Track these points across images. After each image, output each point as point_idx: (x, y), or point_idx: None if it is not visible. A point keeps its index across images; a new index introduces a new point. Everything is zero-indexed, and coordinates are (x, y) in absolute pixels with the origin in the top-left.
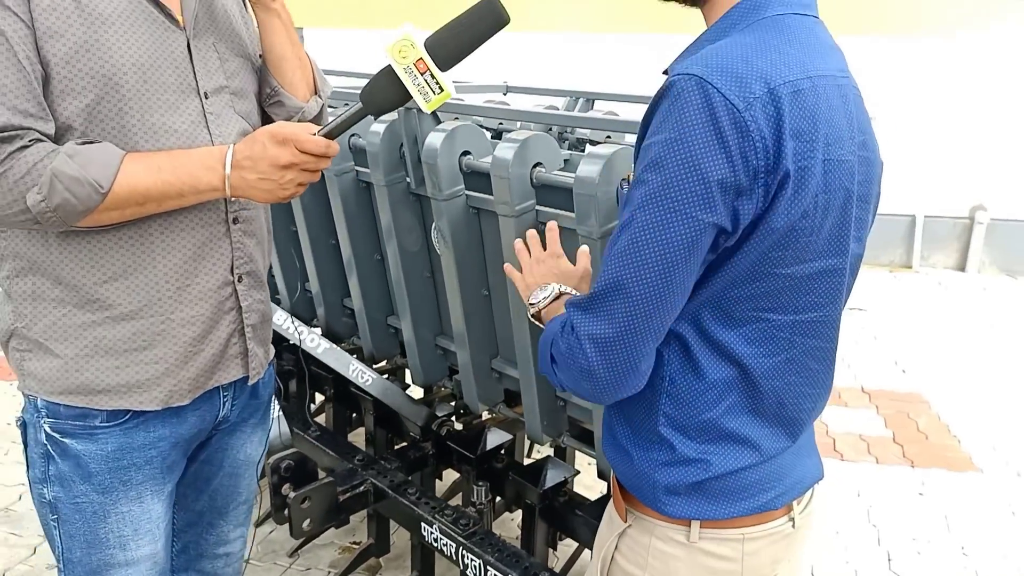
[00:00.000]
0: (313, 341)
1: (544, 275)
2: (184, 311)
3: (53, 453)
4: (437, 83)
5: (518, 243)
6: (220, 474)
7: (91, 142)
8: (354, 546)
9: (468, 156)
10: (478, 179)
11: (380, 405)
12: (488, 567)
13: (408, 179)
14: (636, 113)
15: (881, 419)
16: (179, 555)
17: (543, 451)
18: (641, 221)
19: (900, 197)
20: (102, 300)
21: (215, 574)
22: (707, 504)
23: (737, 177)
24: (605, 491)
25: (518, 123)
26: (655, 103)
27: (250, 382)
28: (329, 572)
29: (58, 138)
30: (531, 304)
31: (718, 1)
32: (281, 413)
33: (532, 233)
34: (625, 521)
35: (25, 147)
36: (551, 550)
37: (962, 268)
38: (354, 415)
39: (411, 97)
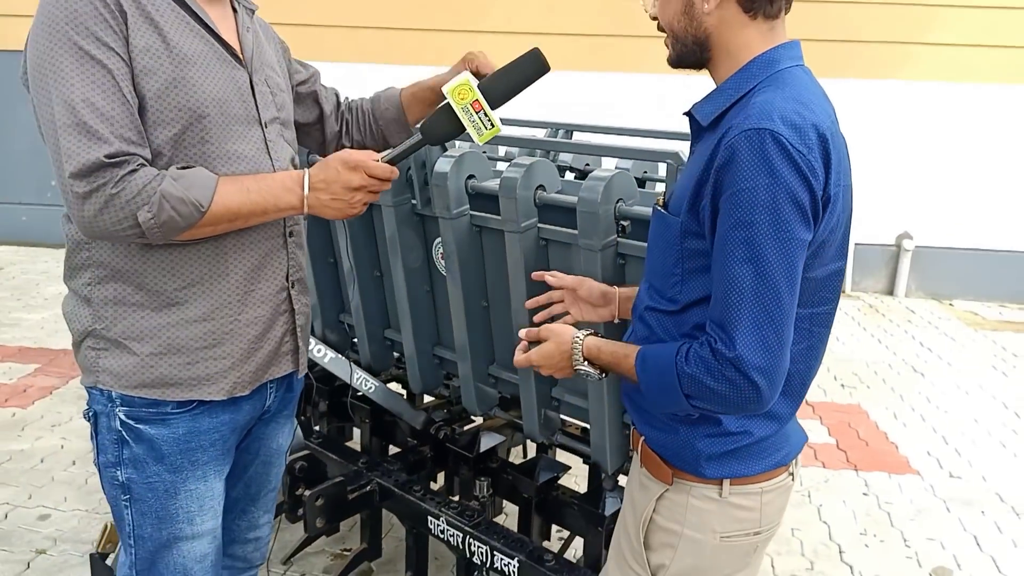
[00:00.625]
0: (320, 351)
1: (556, 348)
2: (248, 313)
3: (127, 438)
4: (489, 120)
5: (518, 359)
6: (256, 462)
7: (187, 167)
8: (345, 553)
9: (473, 179)
10: (481, 200)
11: (375, 414)
12: (495, 552)
13: (414, 200)
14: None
15: (825, 429)
16: None
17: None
18: (766, 257)
19: None
20: (179, 304)
21: (245, 557)
22: (738, 465)
23: (815, 203)
24: (587, 486)
25: (502, 150)
26: (727, 158)
27: (299, 375)
28: (323, 574)
29: (151, 163)
30: (585, 374)
31: (727, 57)
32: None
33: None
34: (670, 483)
35: (134, 171)
36: (545, 540)
37: (891, 292)
38: (344, 428)
39: (465, 130)
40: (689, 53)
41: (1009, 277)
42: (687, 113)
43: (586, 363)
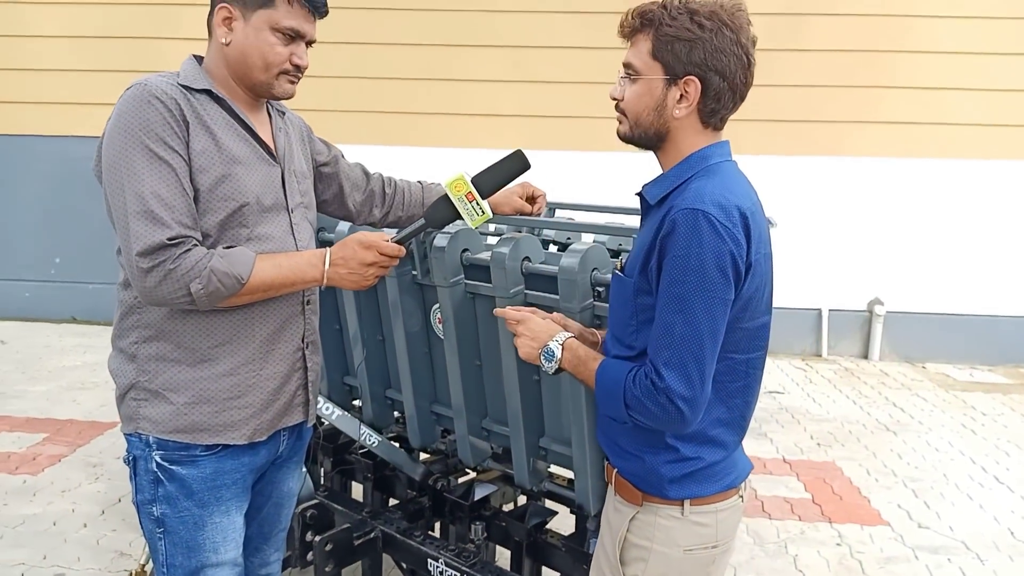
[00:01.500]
0: (328, 409)
1: (540, 328)
2: (269, 369)
3: (162, 478)
4: (480, 208)
5: (503, 310)
6: (268, 504)
7: (231, 246)
8: None
9: (467, 252)
10: (475, 271)
11: (376, 469)
12: None
13: (414, 271)
14: (589, 218)
15: (801, 484)
16: None
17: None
18: (694, 310)
19: (808, 293)
20: (211, 360)
21: None
22: (696, 487)
23: (739, 269)
24: (574, 528)
25: (492, 226)
26: (669, 230)
27: (308, 424)
28: None
29: (201, 242)
30: (549, 367)
31: (674, 150)
32: (305, 470)
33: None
34: (638, 506)
35: (188, 250)
36: None
37: (866, 356)
38: (347, 483)
39: (461, 217)
40: (646, 139)
41: (979, 340)
42: (638, 193)
43: (558, 350)
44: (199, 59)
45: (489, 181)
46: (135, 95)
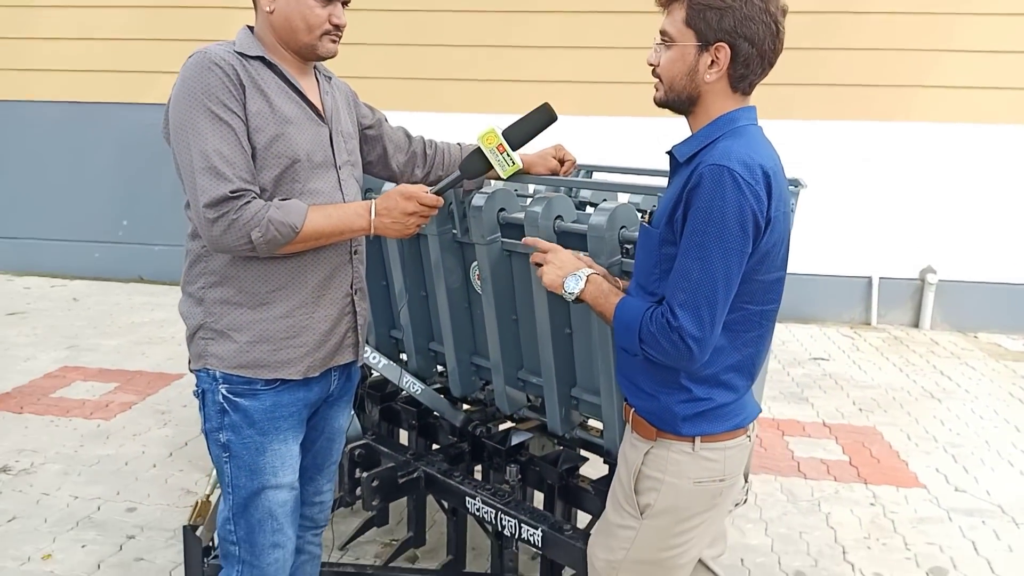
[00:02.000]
0: (375, 358)
1: (567, 259)
2: (320, 312)
3: (228, 408)
4: (511, 158)
5: (531, 239)
6: (321, 438)
7: (285, 199)
8: (393, 542)
9: (504, 211)
10: (511, 229)
11: (420, 416)
12: (523, 524)
13: (454, 230)
14: (624, 179)
15: (840, 447)
16: None
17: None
18: (711, 258)
19: (858, 260)
20: (269, 303)
21: (312, 518)
22: (706, 425)
23: (758, 223)
24: (607, 472)
25: (531, 188)
26: (695, 183)
27: (358, 364)
28: (375, 560)
29: (259, 196)
30: (569, 293)
31: (704, 113)
32: (353, 412)
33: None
34: (652, 440)
35: (248, 202)
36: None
37: (916, 325)
38: (393, 430)
39: (493, 167)
40: (679, 103)
41: None
42: (668, 152)
43: (583, 281)
44: (251, 28)
45: (518, 133)
46: (197, 62)
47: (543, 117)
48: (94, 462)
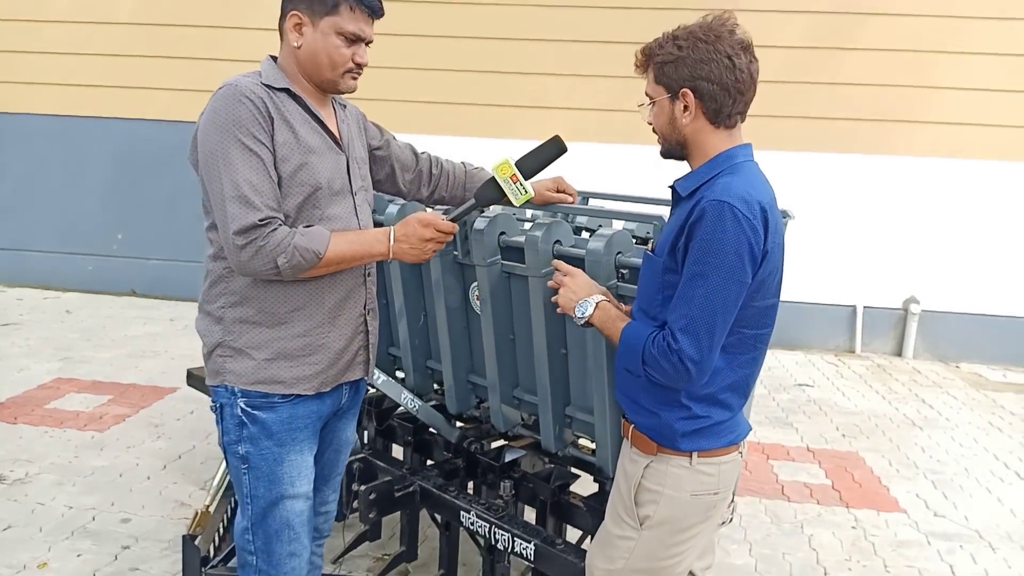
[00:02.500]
0: (376, 375)
1: (583, 286)
2: (336, 331)
3: (246, 421)
4: (524, 188)
5: (556, 262)
6: (329, 449)
7: (309, 226)
8: (385, 556)
9: (504, 235)
10: (511, 252)
11: (416, 433)
12: (516, 538)
13: (455, 251)
14: (618, 206)
15: (823, 471)
16: None
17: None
18: (712, 286)
19: (843, 289)
20: (288, 322)
21: (317, 528)
22: (703, 441)
23: (755, 255)
24: (597, 490)
25: (528, 212)
26: (698, 217)
27: (367, 380)
28: (367, 574)
29: (283, 222)
30: (579, 317)
31: (699, 152)
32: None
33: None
34: (653, 455)
35: (275, 229)
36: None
37: (899, 354)
38: (388, 445)
39: (506, 196)
40: (673, 149)
41: (1015, 342)
42: (671, 186)
43: (592, 308)
44: (274, 58)
45: (531, 164)
46: (228, 95)
47: (554, 149)
48: (89, 473)
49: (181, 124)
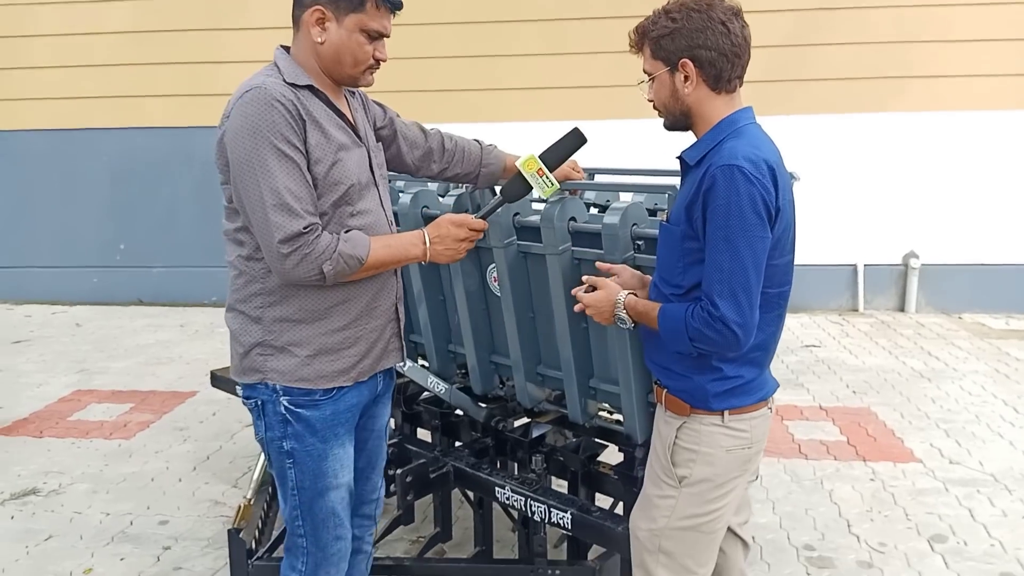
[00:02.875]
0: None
1: (602, 299)
2: (372, 323)
3: (290, 419)
4: (550, 180)
5: (578, 293)
6: (372, 437)
7: (349, 230)
8: (420, 539)
9: (518, 216)
10: (526, 232)
11: (443, 416)
12: (552, 509)
13: None
14: (623, 180)
15: (837, 428)
16: None
17: None
18: (738, 248)
19: (843, 249)
20: (327, 318)
21: (371, 515)
22: (734, 400)
23: (770, 211)
24: (622, 459)
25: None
26: (710, 184)
27: (399, 366)
28: (405, 555)
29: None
30: (624, 327)
31: (703, 120)
32: None
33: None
34: (686, 416)
35: (319, 236)
36: None
37: (902, 309)
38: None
39: (533, 189)
40: (678, 121)
41: (1015, 289)
42: (679, 157)
43: (624, 312)
44: (286, 48)
45: (554, 156)
46: (258, 98)
47: (574, 140)
48: (120, 480)
49: (175, 130)
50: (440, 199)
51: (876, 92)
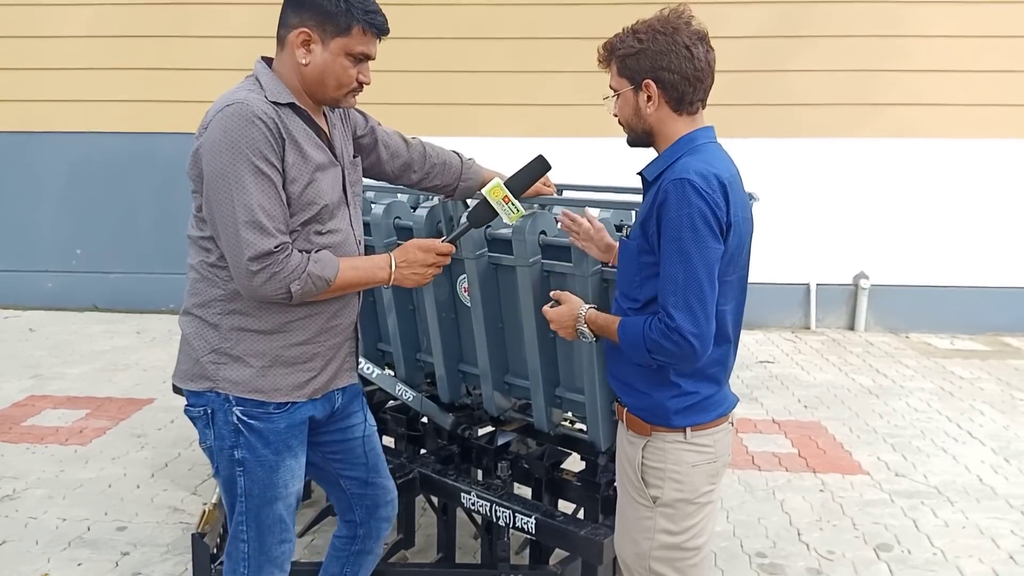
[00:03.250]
0: (369, 369)
1: (564, 314)
2: (331, 340)
3: (242, 429)
4: (515, 207)
5: (544, 308)
6: (356, 443)
7: (319, 249)
8: (384, 546)
9: (489, 228)
10: (497, 244)
11: (409, 423)
12: (516, 514)
13: None
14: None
15: (789, 441)
16: (362, 511)
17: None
18: (691, 259)
19: (796, 269)
20: (286, 332)
21: (388, 516)
22: (695, 416)
23: (721, 225)
24: (585, 467)
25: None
26: (663, 199)
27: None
28: None
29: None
30: (587, 340)
31: (664, 139)
32: None
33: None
34: (648, 436)
35: (289, 255)
36: None
37: (852, 327)
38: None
39: (498, 215)
40: (639, 138)
41: (960, 311)
42: (639, 173)
43: (585, 326)
44: (267, 62)
45: (519, 183)
46: (238, 113)
47: (539, 167)
48: (77, 485)
49: (135, 135)
50: (412, 210)
51: (835, 118)
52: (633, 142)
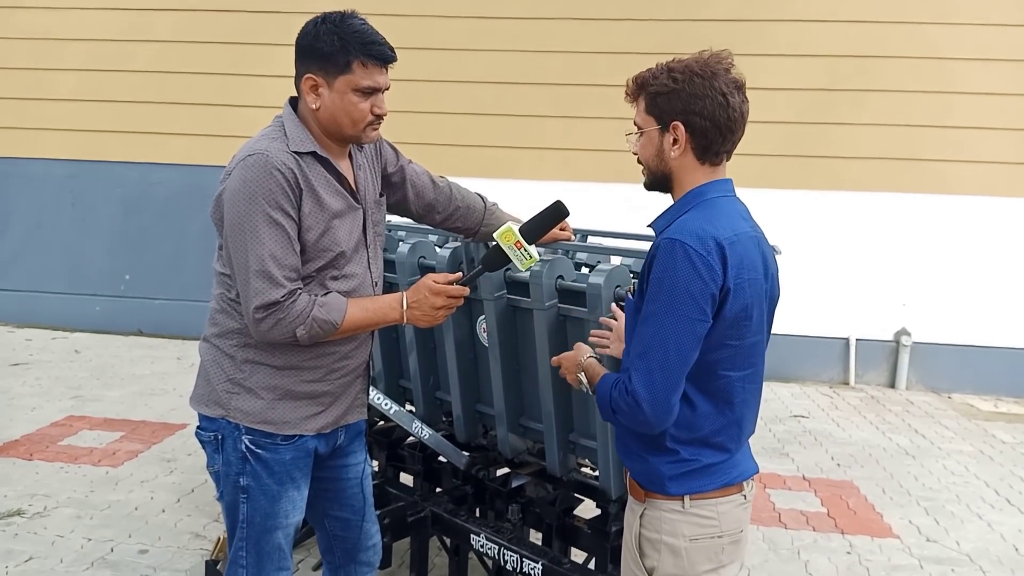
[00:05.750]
0: (387, 405)
1: (573, 357)
2: (343, 379)
3: (249, 458)
4: (528, 253)
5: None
6: (348, 485)
7: (327, 292)
8: None
9: (509, 271)
10: (516, 287)
11: (425, 461)
12: (524, 559)
13: None
14: (613, 243)
15: (818, 500)
16: (340, 554)
17: None
18: (663, 325)
19: (836, 323)
20: (299, 368)
21: (368, 562)
22: (694, 483)
23: (711, 293)
24: (598, 514)
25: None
26: (653, 255)
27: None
28: None
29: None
30: (584, 385)
31: (680, 187)
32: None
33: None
34: (643, 502)
35: (295, 300)
36: None
37: (892, 385)
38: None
39: (511, 261)
40: (657, 181)
41: (1006, 372)
42: (649, 225)
43: (583, 374)
44: (293, 104)
45: (534, 230)
46: (259, 164)
47: (555, 213)
48: (105, 507)
49: (192, 168)
50: (437, 250)
51: (881, 172)
52: (650, 185)
